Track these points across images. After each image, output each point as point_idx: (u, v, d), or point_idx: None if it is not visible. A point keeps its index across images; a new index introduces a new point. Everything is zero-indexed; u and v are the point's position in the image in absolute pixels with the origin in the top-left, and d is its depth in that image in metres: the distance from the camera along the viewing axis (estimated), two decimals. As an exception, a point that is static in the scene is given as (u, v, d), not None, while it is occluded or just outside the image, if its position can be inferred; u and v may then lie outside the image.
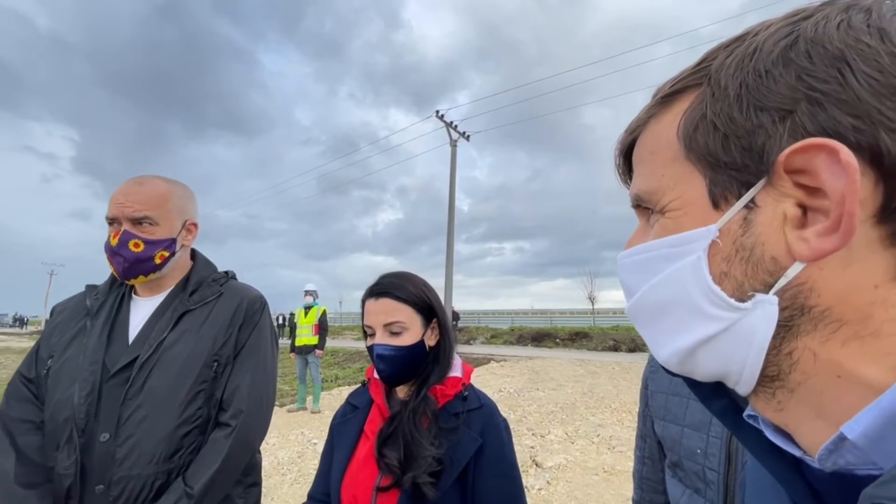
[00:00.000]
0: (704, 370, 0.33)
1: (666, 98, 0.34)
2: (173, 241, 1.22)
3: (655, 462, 0.99)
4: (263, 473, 3.80)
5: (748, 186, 0.29)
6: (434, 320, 1.09)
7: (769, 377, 0.30)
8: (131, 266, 1.16)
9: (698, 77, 0.32)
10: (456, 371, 1.09)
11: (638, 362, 11.81)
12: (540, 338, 19.23)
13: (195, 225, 1.31)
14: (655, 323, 0.34)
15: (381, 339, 1.02)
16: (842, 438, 0.26)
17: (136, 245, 1.15)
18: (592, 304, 32.30)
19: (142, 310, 1.21)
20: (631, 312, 0.37)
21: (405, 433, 0.96)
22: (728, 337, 0.30)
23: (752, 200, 0.29)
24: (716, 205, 0.30)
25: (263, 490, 1.32)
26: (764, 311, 0.28)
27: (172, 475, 1.06)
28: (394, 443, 0.97)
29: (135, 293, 1.25)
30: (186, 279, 1.27)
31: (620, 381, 9.10)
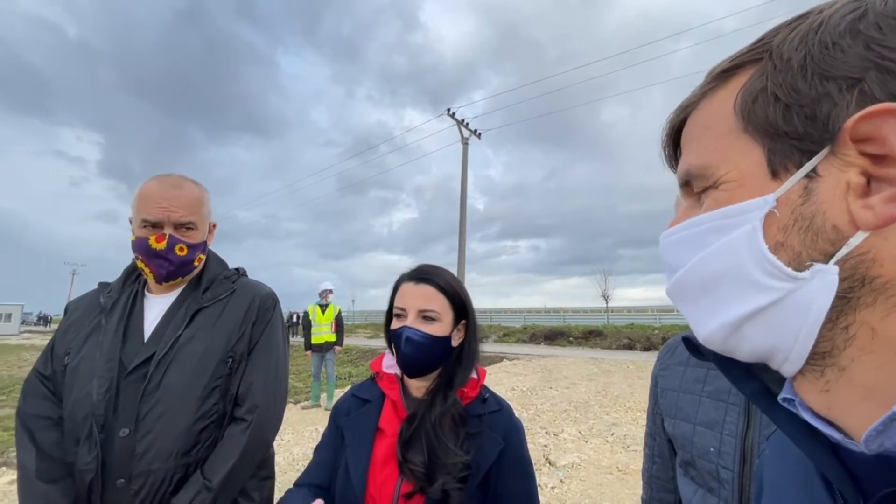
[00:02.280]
0: (750, 347, 0.32)
1: (723, 74, 0.34)
2: (205, 243, 1.27)
3: (665, 460, 0.98)
4: (278, 469, 3.83)
5: (810, 155, 0.29)
6: (463, 321, 1.09)
7: (820, 354, 0.29)
8: (176, 269, 1.19)
9: (758, 53, 0.32)
10: (472, 373, 1.09)
11: (653, 361, 11.61)
12: (553, 336, 19.10)
13: (215, 225, 1.35)
14: (701, 298, 0.34)
15: (413, 322, 1.01)
16: (893, 419, 0.26)
17: (181, 249, 1.19)
18: (606, 302, 31.98)
19: (155, 307, 1.23)
20: (673, 290, 0.36)
21: (429, 437, 0.94)
22: (781, 308, 0.29)
23: (814, 170, 0.28)
24: (775, 174, 0.30)
25: (279, 485, 1.33)
26: (822, 281, 0.27)
27: (190, 469, 1.09)
28: (416, 447, 0.94)
29: (147, 290, 1.27)
30: (199, 277, 1.29)
31: (635, 379, 9.00)
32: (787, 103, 0.29)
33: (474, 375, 1.08)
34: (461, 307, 1.07)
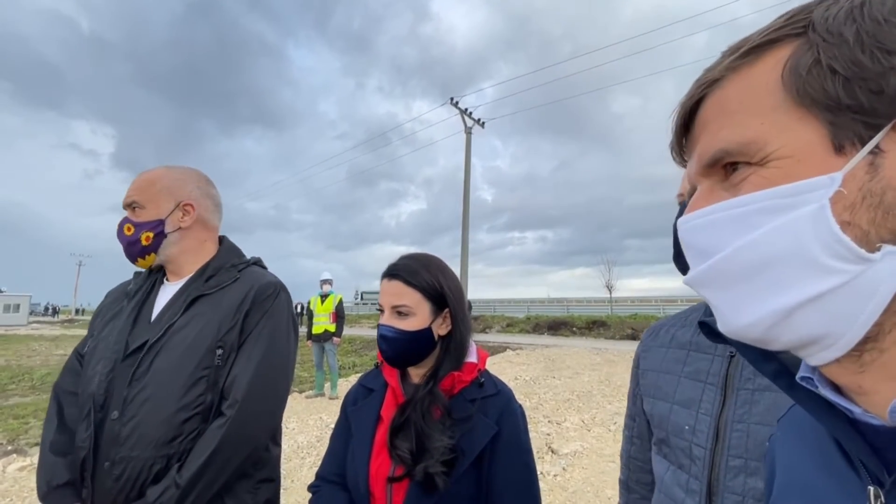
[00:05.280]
0: (795, 334, 0.30)
1: (756, 49, 0.33)
2: (161, 221, 1.22)
3: (644, 442, 0.99)
4: (283, 457, 3.86)
5: (875, 129, 0.28)
6: (446, 309, 1.07)
7: (866, 338, 0.28)
8: (126, 249, 1.23)
9: (796, 28, 0.31)
10: (471, 357, 1.08)
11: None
12: (556, 326, 19.13)
13: (191, 206, 1.27)
14: (743, 283, 0.31)
15: (387, 319, 1.03)
16: None
17: (129, 229, 1.22)
18: (610, 293, 31.98)
19: (166, 294, 1.25)
20: (705, 276, 0.34)
21: (416, 423, 0.96)
22: (846, 292, 0.27)
23: (877, 146, 0.28)
24: (840, 149, 0.29)
25: (283, 472, 1.32)
26: (893, 262, 0.26)
27: (172, 461, 1.05)
28: (405, 433, 0.97)
29: (166, 279, 1.29)
30: (207, 265, 1.27)
31: (638, 369, 9.02)
32: (846, 76, 0.28)
33: (473, 360, 1.08)
34: (438, 297, 1.05)
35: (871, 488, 0.31)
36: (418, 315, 1.02)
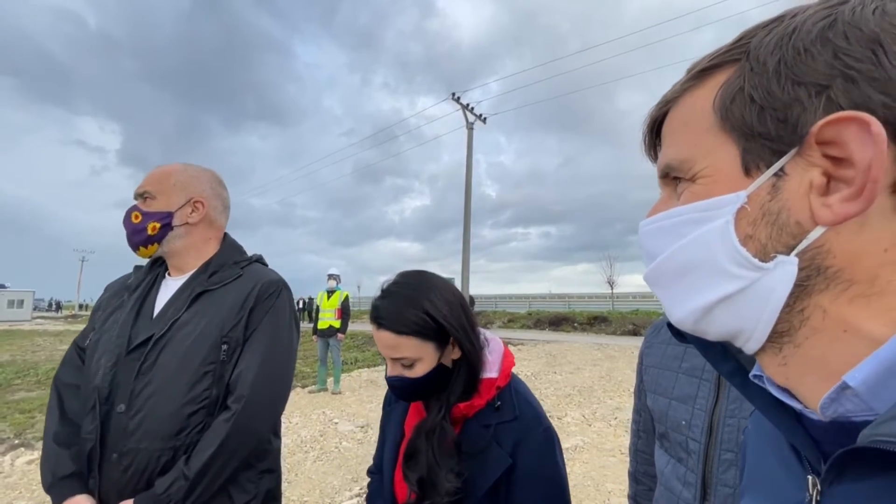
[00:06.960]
0: (718, 328, 0.35)
1: (702, 72, 0.36)
2: (169, 214, 1.24)
3: (650, 435, 1.02)
4: (286, 450, 3.89)
5: (780, 155, 0.31)
6: (451, 338, 0.93)
7: (779, 333, 0.32)
8: (130, 236, 1.24)
9: (737, 53, 0.34)
10: (491, 371, 0.95)
11: (657, 346, 11.62)
12: (558, 322, 19.15)
13: (202, 203, 1.30)
14: (676, 283, 0.36)
15: (392, 370, 0.93)
16: (843, 387, 0.29)
17: (136, 217, 1.24)
18: (612, 289, 31.94)
19: (169, 289, 1.26)
20: (651, 276, 0.38)
21: (427, 454, 0.89)
22: (747, 295, 0.32)
23: (782, 169, 0.31)
24: (748, 172, 0.32)
25: (287, 466, 1.32)
26: (784, 271, 0.31)
27: (179, 453, 1.08)
28: (417, 461, 0.91)
29: (168, 273, 1.31)
30: (210, 261, 1.29)
31: (639, 365, 9.03)
32: (762, 105, 0.31)
33: (492, 375, 0.95)
34: (436, 331, 0.91)
35: (810, 477, 0.34)
36: (424, 359, 0.91)
